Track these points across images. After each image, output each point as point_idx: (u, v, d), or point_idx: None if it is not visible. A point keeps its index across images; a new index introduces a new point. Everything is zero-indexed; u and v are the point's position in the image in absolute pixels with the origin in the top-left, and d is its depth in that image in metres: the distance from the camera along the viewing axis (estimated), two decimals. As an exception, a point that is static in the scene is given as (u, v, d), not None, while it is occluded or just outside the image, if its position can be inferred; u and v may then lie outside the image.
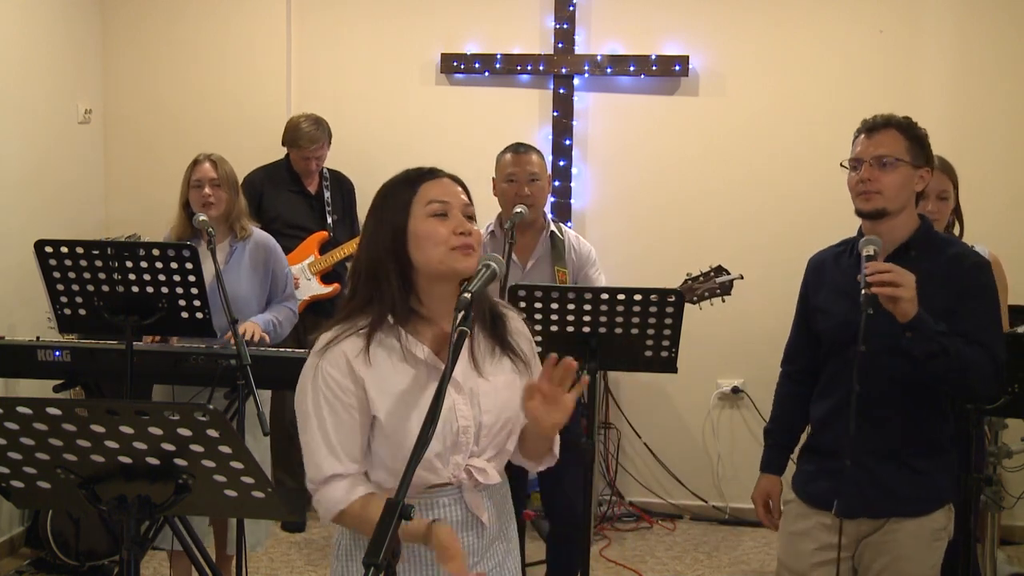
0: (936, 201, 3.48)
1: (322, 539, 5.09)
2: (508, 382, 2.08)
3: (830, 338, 2.77)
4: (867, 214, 2.69)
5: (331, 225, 5.27)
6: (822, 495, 2.73)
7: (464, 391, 2.04)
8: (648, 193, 5.54)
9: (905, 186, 2.66)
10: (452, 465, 2.03)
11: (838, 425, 2.69)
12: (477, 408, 2.04)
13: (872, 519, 2.68)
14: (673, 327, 3.21)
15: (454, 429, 2.01)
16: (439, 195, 2.05)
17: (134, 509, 2.07)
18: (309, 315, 5.15)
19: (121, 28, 5.73)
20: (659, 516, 5.48)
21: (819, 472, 2.76)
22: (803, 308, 2.91)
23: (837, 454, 2.69)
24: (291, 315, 4.01)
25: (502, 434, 2.07)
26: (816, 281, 2.86)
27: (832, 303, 2.77)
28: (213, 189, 3.83)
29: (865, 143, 2.70)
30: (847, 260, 2.79)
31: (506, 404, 2.06)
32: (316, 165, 5.23)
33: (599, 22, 5.52)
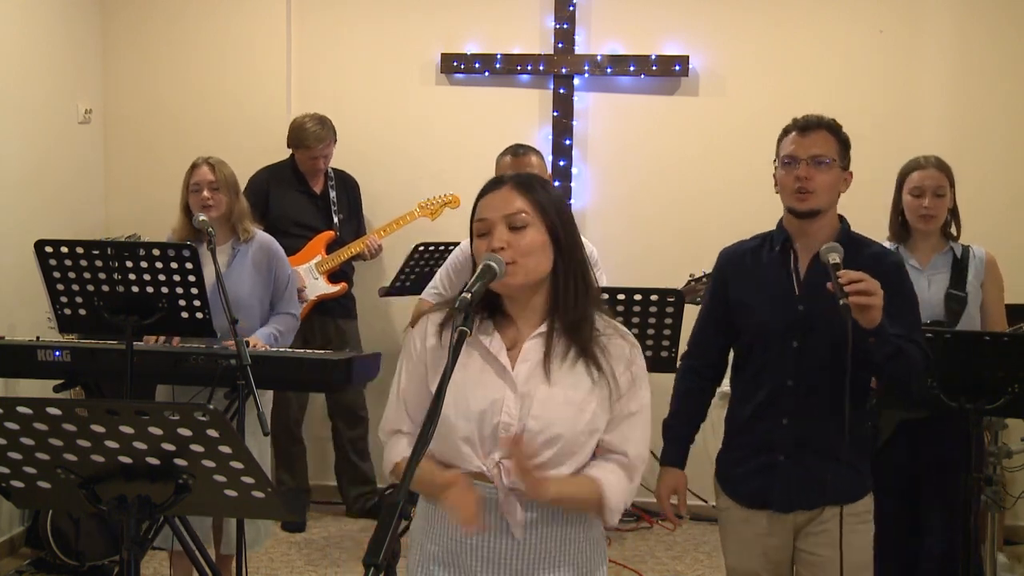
0: (932, 198, 3.49)
1: (322, 539, 5.10)
2: (572, 400, 2.02)
3: (758, 334, 2.74)
4: (802, 213, 2.69)
5: (337, 224, 5.27)
6: (757, 493, 2.73)
7: (519, 391, 2.03)
8: (648, 193, 5.54)
9: (835, 187, 2.70)
10: (488, 459, 2.02)
11: (768, 421, 2.70)
12: (525, 410, 2.01)
13: (807, 510, 2.69)
14: (673, 327, 3.22)
15: (493, 423, 2.01)
16: (483, 212, 2.07)
17: (134, 509, 2.07)
18: (316, 314, 5.16)
19: (121, 28, 5.73)
20: (659, 516, 5.48)
21: (750, 472, 2.75)
22: (717, 301, 2.86)
23: (768, 450, 2.70)
24: (292, 322, 4.01)
25: (548, 448, 2.00)
26: (735, 274, 2.82)
27: (759, 299, 2.75)
28: (211, 192, 3.83)
29: (799, 141, 2.71)
30: (769, 255, 2.77)
31: (560, 418, 2.01)
32: (323, 164, 5.23)
33: (599, 22, 5.52)
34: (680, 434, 2.92)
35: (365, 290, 5.47)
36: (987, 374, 3.00)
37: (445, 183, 5.30)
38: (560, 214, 2.08)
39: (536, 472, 1.95)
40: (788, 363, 2.67)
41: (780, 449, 2.69)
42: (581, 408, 2.02)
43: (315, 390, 5.05)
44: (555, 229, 2.06)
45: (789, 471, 2.67)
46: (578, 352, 2.04)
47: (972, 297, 3.51)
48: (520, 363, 2.05)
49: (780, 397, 2.68)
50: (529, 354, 2.05)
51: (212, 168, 3.86)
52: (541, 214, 2.05)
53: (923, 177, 3.52)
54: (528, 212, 2.04)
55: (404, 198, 5.29)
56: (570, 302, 2.06)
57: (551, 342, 2.05)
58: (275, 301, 3.98)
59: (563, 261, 2.07)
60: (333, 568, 4.75)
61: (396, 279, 5.06)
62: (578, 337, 2.05)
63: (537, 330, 2.07)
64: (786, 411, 2.68)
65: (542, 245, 2.04)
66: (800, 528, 2.71)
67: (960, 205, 3.64)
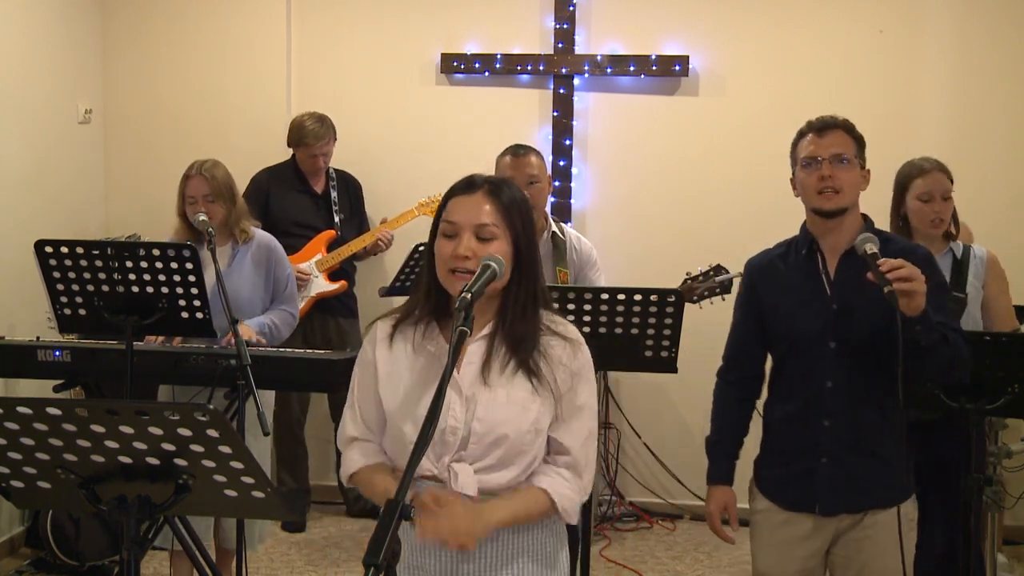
0: (941, 202, 3.51)
1: (322, 539, 5.10)
2: (515, 399, 2.05)
3: (792, 338, 2.74)
4: (828, 213, 2.68)
5: (338, 224, 5.27)
6: (800, 498, 2.72)
7: (464, 394, 2.05)
8: (648, 193, 5.54)
9: (858, 184, 2.70)
10: (439, 462, 2.04)
11: (808, 423, 2.69)
12: (471, 414, 2.04)
13: (851, 514, 2.68)
14: (673, 327, 3.21)
15: (441, 427, 2.02)
16: (453, 214, 2.09)
17: (134, 509, 2.07)
18: (316, 313, 5.16)
19: (121, 28, 5.73)
20: (659, 516, 5.48)
21: (791, 475, 2.74)
22: (749, 311, 2.85)
23: (810, 453, 2.68)
24: (289, 318, 4.00)
25: (495, 448, 2.03)
26: (765, 283, 2.82)
27: (791, 304, 2.75)
28: (207, 205, 3.82)
29: (817, 142, 2.71)
30: (796, 260, 2.77)
31: (504, 420, 2.03)
32: (324, 162, 5.23)
33: (599, 22, 5.52)
34: (725, 452, 2.92)
35: (366, 289, 5.47)
36: (987, 374, 3.00)
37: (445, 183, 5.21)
38: (524, 227, 2.10)
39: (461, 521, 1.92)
40: (826, 365, 2.65)
41: (822, 452, 2.67)
42: (525, 407, 2.04)
43: (316, 390, 5.05)
44: (518, 241, 2.08)
45: (833, 473, 2.66)
46: (518, 363, 2.06)
47: (972, 298, 3.51)
48: (466, 365, 2.07)
49: (820, 399, 2.67)
50: (474, 357, 2.08)
51: (205, 180, 3.83)
52: (508, 226, 2.08)
53: (930, 183, 3.52)
54: (498, 225, 2.06)
55: (404, 198, 5.29)
56: (518, 315, 2.08)
57: (492, 346, 2.07)
58: (274, 299, 3.98)
59: (519, 275, 2.09)
60: (333, 568, 4.75)
61: (396, 279, 5.06)
62: (520, 349, 2.07)
63: (481, 332, 2.09)
64: (827, 413, 2.66)
65: (506, 257, 2.06)
66: (842, 533, 2.69)
67: (960, 205, 3.65)
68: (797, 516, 2.72)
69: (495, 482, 2.05)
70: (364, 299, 5.44)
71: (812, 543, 2.71)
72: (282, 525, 5.15)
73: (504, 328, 2.08)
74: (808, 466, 2.69)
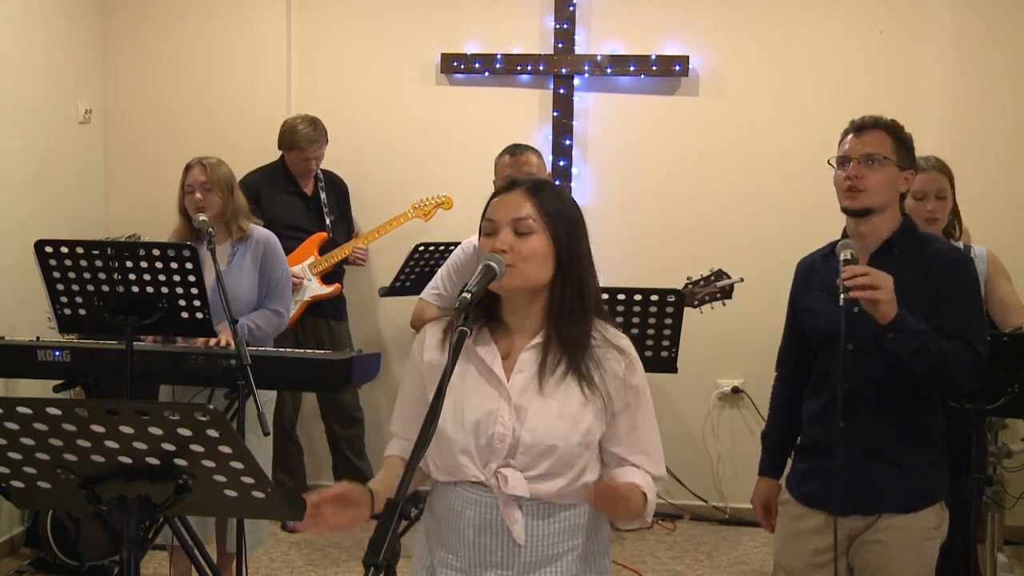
0: (935, 200, 3.49)
1: (322, 539, 5.09)
2: (566, 413, 2.03)
3: (818, 337, 2.78)
4: (853, 211, 2.71)
5: (329, 226, 5.27)
6: (815, 494, 2.74)
7: (514, 402, 2.04)
8: (648, 193, 5.54)
9: (890, 185, 2.70)
10: (485, 467, 2.04)
11: (827, 423, 2.71)
12: (521, 423, 2.02)
13: (863, 516, 2.69)
14: (673, 327, 3.22)
15: (489, 433, 2.02)
16: (492, 213, 2.10)
17: (134, 509, 2.07)
18: (308, 315, 5.16)
19: (121, 28, 5.73)
20: (659, 516, 5.48)
21: (811, 471, 2.77)
22: (792, 310, 2.92)
23: (828, 452, 2.70)
24: (273, 318, 3.96)
25: (544, 459, 2.02)
26: (805, 283, 2.87)
27: (819, 303, 2.78)
28: (204, 193, 3.83)
29: (853, 142, 2.72)
30: (834, 261, 2.79)
31: (554, 432, 2.02)
32: (315, 166, 5.23)
33: (599, 22, 5.51)
34: (774, 444, 2.97)
35: (355, 291, 5.49)
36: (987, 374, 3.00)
37: (445, 183, 5.30)
38: (568, 226, 2.10)
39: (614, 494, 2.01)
40: (845, 366, 2.66)
41: (837, 453, 2.67)
42: (576, 420, 2.03)
43: (315, 390, 5.05)
44: (560, 239, 2.08)
45: (845, 475, 2.66)
46: (570, 367, 2.05)
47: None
48: (516, 374, 2.06)
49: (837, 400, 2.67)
50: (525, 365, 2.06)
51: (204, 169, 3.85)
52: (548, 223, 2.07)
53: (925, 180, 3.50)
54: (535, 219, 2.06)
55: (404, 198, 5.29)
56: (565, 316, 2.07)
57: (547, 354, 2.06)
58: (265, 295, 3.97)
59: (563, 273, 2.08)
60: (333, 568, 4.75)
61: (396, 279, 5.06)
62: (572, 353, 2.06)
63: (533, 340, 2.08)
64: (844, 414, 2.66)
65: (544, 253, 2.05)
66: (856, 534, 2.70)
67: (960, 205, 3.64)
68: (811, 512, 2.75)
69: (543, 491, 2.04)
70: (354, 301, 5.45)
71: (822, 540, 2.72)
72: (282, 525, 5.14)
73: (555, 330, 2.07)
74: (825, 465, 2.70)
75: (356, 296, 5.49)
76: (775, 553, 2.88)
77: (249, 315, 3.89)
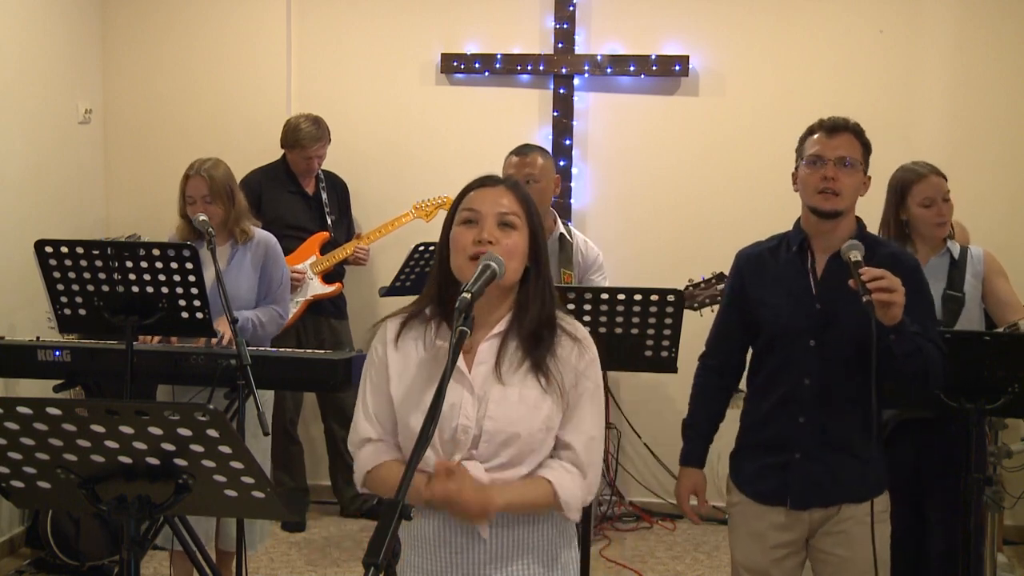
0: (943, 203, 3.51)
1: (322, 539, 5.10)
2: (527, 398, 2.05)
3: (776, 333, 2.76)
4: (826, 213, 2.71)
5: (331, 226, 5.27)
6: (773, 491, 2.75)
7: (476, 392, 2.06)
8: (648, 193, 5.54)
9: (858, 189, 2.74)
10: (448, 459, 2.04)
11: (784, 419, 2.73)
12: (483, 412, 2.04)
13: (824, 508, 2.71)
14: (673, 327, 3.22)
15: (452, 426, 2.04)
16: (474, 203, 2.10)
17: (134, 509, 2.07)
18: (309, 315, 5.16)
19: (121, 28, 5.73)
20: (659, 516, 5.48)
21: (765, 469, 2.77)
22: (735, 301, 2.89)
23: (784, 448, 2.72)
24: (276, 317, 3.97)
25: (507, 447, 2.04)
26: (753, 274, 2.85)
27: (776, 298, 2.77)
28: (205, 206, 3.83)
29: (825, 142, 2.73)
30: (786, 255, 2.80)
31: (516, 418, 2.04)
32: (317, 164, 5.24)
33: (599, 22, 5.52)
34: (698, 433, 2.95)
35: (356, 290, 5.49)
36: (987, 374, 3.00)
37: (445, 183, 5.29)
38: (539, 228, 2.14)
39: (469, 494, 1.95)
40: (805, 362, 2.69)
41: (796, 447, 2.71)
42: (536, 406, 2.05)
43: (315, 390, 5.05)
44: (535, 238, 2.11)
45: (805, 468, 2.70)
46: (532, 363, 2.07)
47: (970, 297, 3.51)
48: (476, 365, 2.09)
49: (797, 395, 2.71)
50: (485, 355, 2.09)
51: (204, 180, 3.83)
52: (528, 220, 2.10)
53: (930, 187, 3.52)
54: (518, 216, 2.09)
55: (404, 198, 5.29)
56: (535, 312, 2.09)
57: (505, 344, 2.08)
58: (265, 297, 3.97)
59: (536, 271, 2.11)
60: (333, 568, 4.75)
61: (396, 279, 5.06)
62: (535, 348, 2.08)
63: (493, 331, 2.10)
64: (803, 409, 2.70)
65: (522, 251, 2.09)
66: (816, 527, 2.73)
67: (960, 205, 3.65)
68: (770, 510, 2.76)
69: (505, 480, 2.05)
70: (354, 300, 5.45)
71: (785, 536, 2.74)
72: (282, 525, 5.15)
73: (520, 325, 2.09)
74: (782, 460, 2.73)
75: (356, 296, 5.49)
76: (735, 554, 2.86)
77: (253, 310, 3.90)
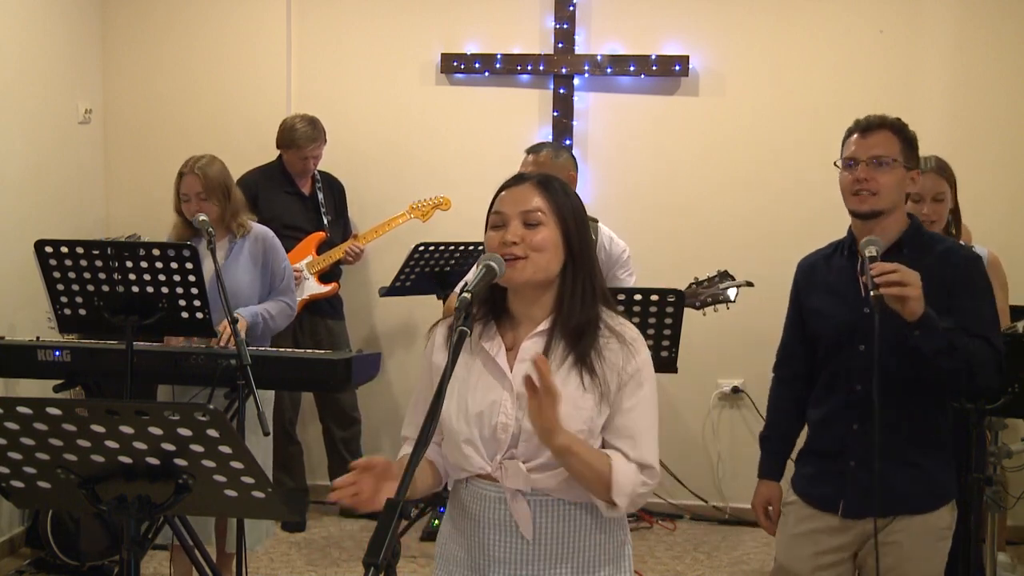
0: (932, 203, 3.47)
1: (322, 539, 5.10)
2: (568, 398, 2.01)
3: (828, 339, 2.76)
4: (862, 214, 2.69)
5: (327, 226, 5.27)
6: (827, 497, 2.73)
7: (516, 391, 2.05)
8: (648, 193, 5.54)
9: (898, 186, 2.68)
10: (492, 460, 2.05)
11: (839, 426, 2.70)
12: (523, 411, 2.02)
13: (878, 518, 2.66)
14: (673, 327, 3.22)
15: (492, 424, 2.04)
16: (500, 205, 2.11)
17: (134, 509, 2.08)
18: (306, 315, 5.15)
19: (121, 28, 5.73)
20: (659, 516, 5.48)
21: (821, 474, 2.75)
22: (795, 311, 2.89)
23: (840, 455, 2.69)
24: (286, 308, 3.99)
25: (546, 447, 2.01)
26: (808, 283, 2.85)
27: (827, 304, 2.76)
28: (200, 203, 3.83)
29: (860, 143, 2.70)
30: (839, 261, 2.78)
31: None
32: (313, 165, 5.23)
33: (599, 22, 5.52)
34: (775, 447, 2.95)
35: (352, 291, 5.49)
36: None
37: (445, 183, 5.31)
38: (576, 219, 2.11)
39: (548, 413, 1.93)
40: (857, 367, 2.66)
41: (851, 455, 2.67)
42: (577, 406, 2.03)
43: (315, 390, 5.05)
44: (568, 232, 2.09)
45: (860, 476, 2.65)
46: (576, 358, 2.05)
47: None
48: (519, 363, 2.07)
49: (851, 402, 2.67)
50: (527, 353, 2.06)
51: (198, 178, 3.84)
52: (556, 215, 2.09)
53: (922, 183, 3.48)
54: (544, 211, 2.08)
55: (404, 198, 5.30)
56: (576, 306, 2.08)
57: (550, 342, 2.07)
58: (271, 291, 3.98)
59: (573, 264, 2.09)
60: (333, 568, 4.75)
61: (396, 279, 5.06)
62: (579, 343, 2.06)
63: (537, 328, 2.09)
64: (857, 416, 2.66)
65: (554, 244, 2.07)
66: (868, 536, 2.67)
67: (960, 205, 3.63)
68: (821, 514, 2.74)
69: (546, 482, 2.04)
70: (351, 300, 5.45)
71: (832, 542, 2.71)
72: (282, 525, 5.15)
73: (562, 320, 2.08)
74: (838, 467, 2.70)
75: (353, 296, 5.49)
76: (778, 554, 2.85)
77: (262, 304, 3.90)
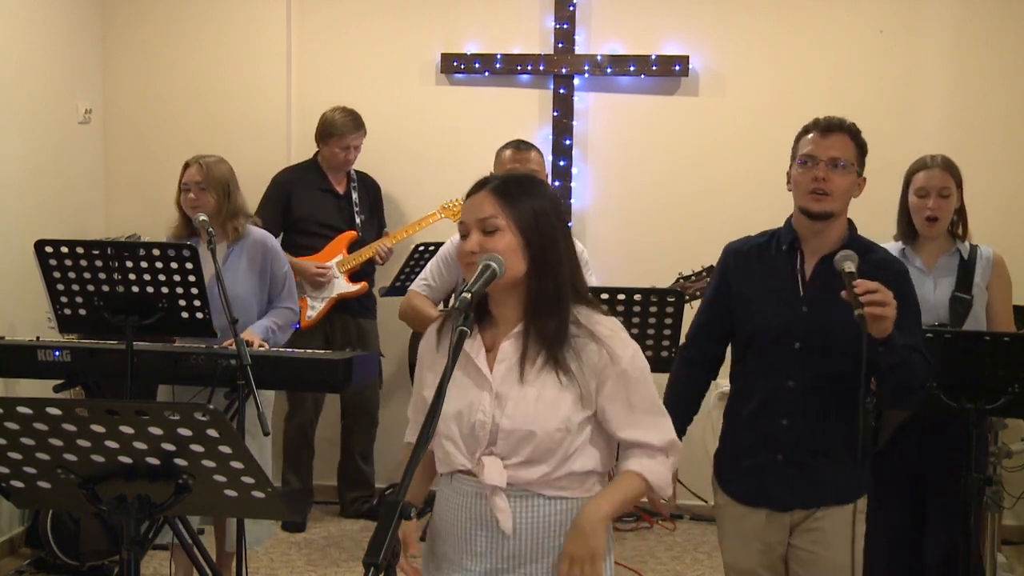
0: (937, 198, 3.47)
1: (322, 539, 5.10)
2: (545, 397, 2.07)
3: (756, 332, 2.74)
4: (816, 215, 2.68)
5: (359, 225, 5.26)
6: (754, 493, 2.74)
7: (494, 390, 2.09)
8: (648, 193, 5.54)
9: (850, 191, 2.70)
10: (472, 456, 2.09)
11: (767, 422, 2.71)
12: (500, 410, 2.07)
13: (805, 509, 2.71)
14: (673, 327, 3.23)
15: (471, 422, 2.09)
16: (463, 214, 2.15)
17: (134, 509, 2.07)
18: (336, 313, 5.16)
19: (121, 28, 5.73)
20: (659, 516, 5.48)
21: (748, 469, 2.75)
22: (720, 295, 2.85)
23: (767, 448, 2.71)
24: (290, 315, 4.01)
25: (524, 445, 2.06)
26: (741, 271, 2.81)
27: (762, 297, 2.74)
28: (198, 193, 3.84)
29: (818, 142, 2.70)
30: (777, 254, 2.77)
31: (533, 416, 2.06)
32: (353, 156, 5.21)
33: (599, 22, 5.52)
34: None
35: (385, 290, 5.47)
36: (987, 374, 3.00)
37: (445, 183, 5.30)
38: (537, 217, 2.11)
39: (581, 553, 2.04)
40: (789, 364, 2.67)
41: (778, 449, 2.70)
42: (554, 406, 2.07)
43: (315, 390, 5.05)
44: (528, 232, 2.09)
45: (787, 470, 2.69)
46: (549, 357, 2.09)
47: (978, 299, 3.48)
48: (497, 363, 2.12)
49: (780, 397, 2.69)
50: (506, 354, 2.12)
51: (201, 168, 3.85)
52: (513, 219, 2.09)
53: (928, 178, 3.48)
54: (499, 216, 2.09)
55: (404, 197, 5.30)
56: (542, 306, 2.10)
57: (527, 343, 2.10)
58: (272, 297, 3.98)
59: (536, 266, 2.10)
60: (333, 568, 4.75)
61: (396, 279, 5.07)
62: (549, 344, 2.09)
63: (514, 330, 2.13)
64: (785, 411, 2.68)
65: (513, 248, 2.08)
66: (796, 525, 2.73)
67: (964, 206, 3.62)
68: (752, 511, 2.75)
69: (525, 477, 2.08)
70: (383, 299, 5.44)
71: (768, 536, 2.74)
72: (282, 525, 5.15)
73: (533, 320, 2.10)
74: (763, 462, 2.72)
75: (386, 296, 5.47)
76: (724, 556, 2.86)
77: (267, 316, 3.92)
